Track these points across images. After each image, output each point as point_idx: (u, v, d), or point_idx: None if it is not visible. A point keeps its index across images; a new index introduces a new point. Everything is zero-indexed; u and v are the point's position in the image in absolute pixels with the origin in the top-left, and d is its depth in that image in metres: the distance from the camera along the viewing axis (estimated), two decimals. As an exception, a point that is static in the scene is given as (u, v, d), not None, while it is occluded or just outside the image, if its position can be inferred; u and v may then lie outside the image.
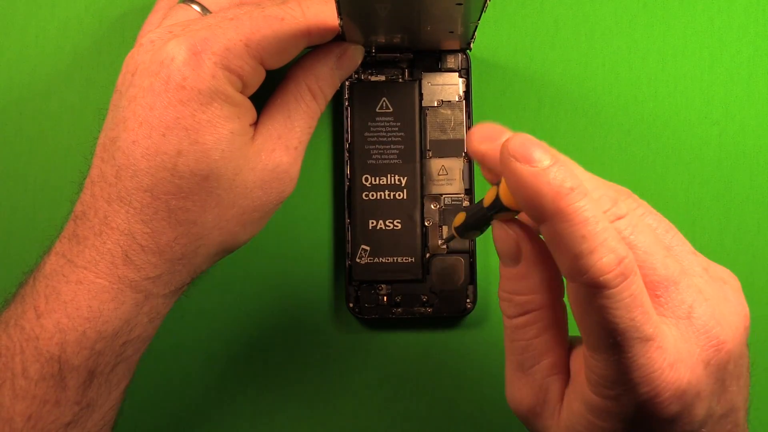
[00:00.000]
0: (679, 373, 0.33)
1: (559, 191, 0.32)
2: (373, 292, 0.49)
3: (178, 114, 0.39)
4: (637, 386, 0.33)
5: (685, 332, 0.34)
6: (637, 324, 0.33)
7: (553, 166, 0.33)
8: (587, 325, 0.34)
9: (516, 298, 0.38)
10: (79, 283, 0.40)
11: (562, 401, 0.37)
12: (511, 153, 0.33)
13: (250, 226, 0.43)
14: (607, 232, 0.33)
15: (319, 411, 0.50)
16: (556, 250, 0.33)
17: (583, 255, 0.32)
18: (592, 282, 0.32)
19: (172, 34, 0.40)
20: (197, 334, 0.50)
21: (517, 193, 0.34)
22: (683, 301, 0.35)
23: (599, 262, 0.32)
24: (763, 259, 0.51)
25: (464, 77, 0.50)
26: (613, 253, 0.32)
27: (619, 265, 0.32)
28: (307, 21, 0.41)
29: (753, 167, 0.51)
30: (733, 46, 0.51)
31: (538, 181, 0.33)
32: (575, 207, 0.32)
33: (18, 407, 0.39)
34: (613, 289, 0.32)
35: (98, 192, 0.40)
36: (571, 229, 0.32)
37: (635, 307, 0.33)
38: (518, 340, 0.38)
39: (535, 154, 0.33)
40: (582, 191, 0.33)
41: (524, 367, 0.38)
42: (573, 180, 0.33)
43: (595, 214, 0.33)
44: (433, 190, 0.49)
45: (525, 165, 0.33)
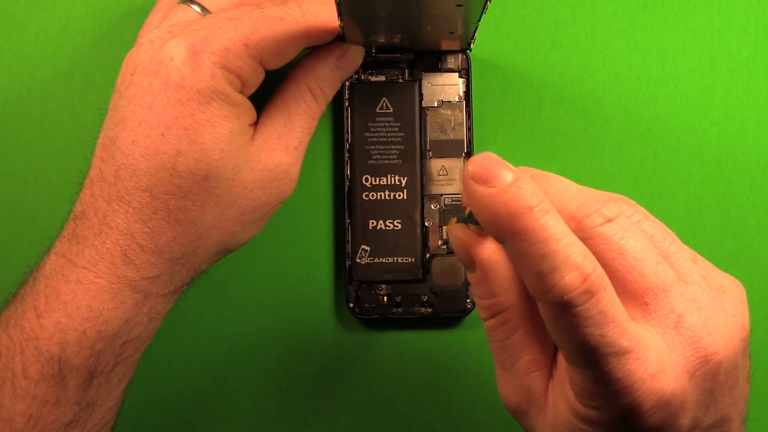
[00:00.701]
0: (661, 383, 0.33)
1: (516, 211, 0.32)
2: (373, 292, 0.49)
3: (177, 114, 0.39)
4: (618, 398, 0.33)
5: (671, 342, 0.34)
6: (608, 339, 0.32)
7: (512, 186, 0.32)
8: (560, 342, 0.33)
9: (482, 302, 0.38)
10: (79, 282, 0.40)
11: (546, 396, 0.37)
12: (470, 174, 0.33)
13: (249, 226, 0.43)
14: (570, 249, 0.32)
15: (319, 411, 0.50)
16: (520, 269, 0.33)
17: (545, 274, 0.32)
18: (556, 301, 0.32)
19: (171, 34, 0.40)
20: (197, 334, 0.50)
21: (477, 214, 0.34)
22: (672, 309, 0.34)
23: (562, 281, 0.32)
24: (763, 259, 0.51)
25: (464, 77, 0.50)
26: (577, 270, 0.32)
27: (584, 283, 0.32)
28: (306, 21, 0.41)
29: (753, 167, 0.51)
30: (733, 46, 0.51)
31: (494, 202, 0.32)
32: (534, 225, 0.32)
33: (18, 407, 0.39)
34: (579, 307, 0.32)
35: (98, 192, 0.40)
36: (531, 249, 0.32)
37: (606, 324, 0.32)
38: (494, 342, 0.38)
39: (494, 174, 0.33)
40: (543, 209, 0.32)
41: (506, 366, 0.38)
42: (533, 198, 0.32)
43: (557, 232, 0.32)
44: (433, 190, 0.49)
45: (482, 186, 0.33)
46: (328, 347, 0.51)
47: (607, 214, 0.35)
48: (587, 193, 0.36)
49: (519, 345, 0.37)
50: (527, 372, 0.37)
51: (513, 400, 0.38)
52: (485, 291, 0.37)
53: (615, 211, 0.35)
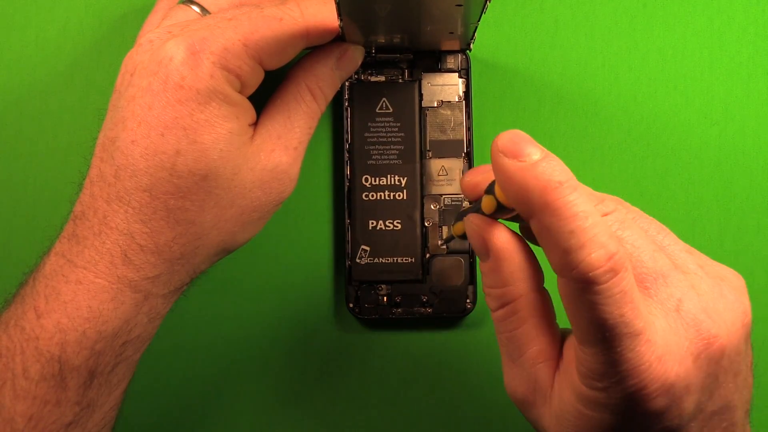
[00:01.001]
0: (666, 365, 0.33)
1: (547, 185, 0.32)
2: (373, 292, 0.49)
3: (177, 113, 0.39)
4: (625, 379, 0.33)
5: (674, 324, 0.34)
6: (626, 319, 0.33)
7: (542, 161, 0.33)
8: (577, 319, 0.34)
9: (493, 291, 0.38)
10: (79, 283, 0.40)
11: (552, 386, 0.37)
12: (500, 148, 0.33)
13: (249, 227, 0.43)
14: (597, 227, 0.32)
15: (319, 411, 0.51)
16: (546, 245, 0.33)
17: (572, 250, 0.32)
18: (581, 278, 0.32)
19: (170, 34, 0.40)
20: (197, 334, 0.50)
21: (505, 188, 0.34)
22: (672, 294, 0.35)
23: (588, 257, 0.32)
24: (763, 259, 0.51)
25: (464, 77, 0.50)
26: (603, 249, 0.32)
27: (609, 261, 0.32)
28: (305, 22, 0.41)
29: (753, 167, 0.51)
30: (733, 46, 0.51)
31: (525, 176, 0.33)
32: (564, 201, 0.32)
33: (19, 407, 0.39)
34: (602, 285, 0.32)
35: (97, 192, 0.40)
36: (560, 224, 0.32)
37: (625, 303, 0.33)
38: (503, 332, 0.38)
39: (524, 149, 0.33)
40: (572, 185, 0.33)
41: (513, 357, 0.38)
42: (562, 174, 0.33)
43: (585, 209, 0.32)
44: (433, 190, 0.49)
45: (512, 160, 0.33)
46: (328, 347, 0.51)
47: (604, 209, 0.36)
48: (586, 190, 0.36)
49: (528, 336, 0.38)
50: (535, 363, 0.37)
51: (520, 392, 0.38)
52: (497, 280, 0.37)
53: (611, 206, 0.36)
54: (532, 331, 0.37)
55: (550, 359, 0.37)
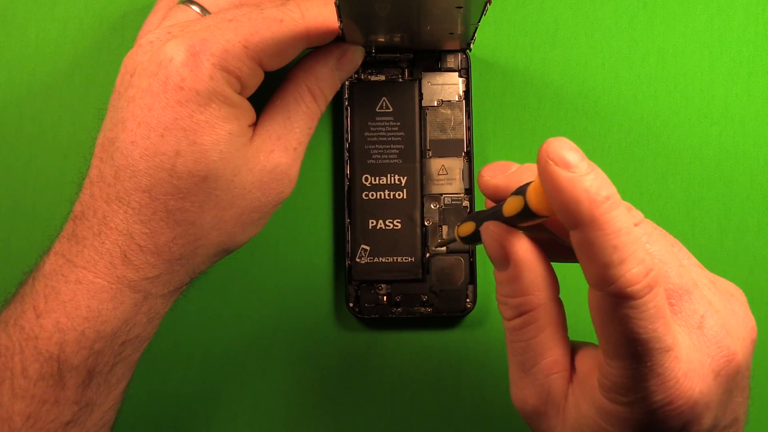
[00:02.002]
0: (692, 382, 0.34)
1: (595, 199, 0.32)
2: (373, 291, 0.49)
3: (177, 115, 0.39)
4: (652, 394, 0.33)
5: (697, 342, 0.35)
6: (659, 335, 0.33)
7: (591, 173, 0.32)
8: (608, 333, 0.33)
9: (510, 301, 0.38)
10: (78, 282, 0.40)
11: (566, 399, 0.37)
12: (551, 157, 0.33)
13: (248, 227, 0.43)
14: (636, 243, 0.32)
15: (319, 410, 0.51)
16: (586, 257, 0.33)
17: (613, 265, 0.32)
18: (619, 292, 0.32)
19: (170, 35, 0.40)
20: (197, 334, 0.50)
21: (553, 197, 0.33)
22: (696, 311, 0.35)
23: (628, 273, 0.32)
24: (763, 259, 0.51)
25: (464, 77, 0.50)
26: (642, 265, 0.32)
27: (646, 277, 0.32)
28: (306, 23, 0.41)
29: (753, 167, 0.51)
30: (733, 46, 0.51)
31: (575, 187, 0.32)
32: (610, 216, 0.32)
33: (17, 406, 0.39)
34: (638, 300, 0.32)
35: (97, 192, 0.40)
36: (604, 238, 0.32)
37: (658, 318, 0.33)
38: (517, 341, 0.38)
39: (574, 159, 0.32)
40: (617, 200, 0.32)
41: (525, 367, 0.38)
42: (609, 188, 0.32)
43: (628, 225, 0.32)
44: (433, 189, 0.49)
45: (563, 170, 0.32)
46: (328, 347, 0.51)
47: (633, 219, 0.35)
48: None
49: (543, 345, 0.37)
50: (548, 373, 0.37)
51: (530, 402, 0.38)
52: (516, 289, 0.37)
53: (639, 216, 0.36)
54: (548, 341, 0.37)
55: (564, 370, 0.37)
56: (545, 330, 0.37)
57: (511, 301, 0.37)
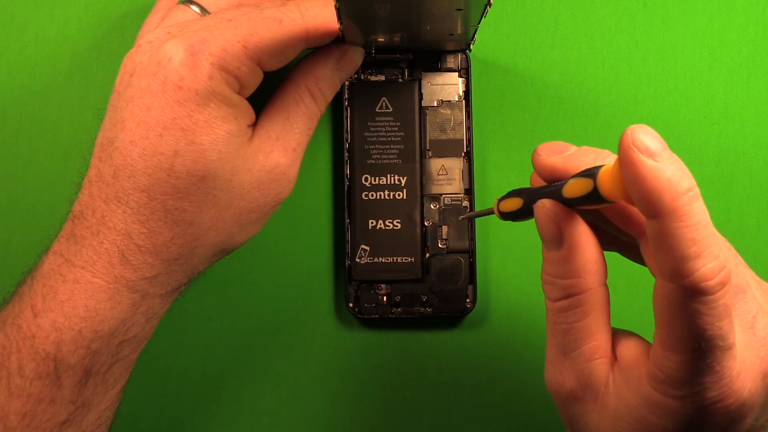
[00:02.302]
0: (743, 381, 0.34)
1: (677, 189, 0.32)
2: (373, 291, 0.49)
3: (175, 114, 0.39)
4: (706, 391, 0.33)
5: (750, 342, 0.35)
6: (723, 332, 0.33)
7: (673, 164, 0.32)
8: (672, 325, 0.33)
9: (559, 282, 0.37)
10: (76, 282, 0.40)
11: (606, 386, 0.37)
12: (635, 144, 0.32)
13: (247, 227, 0.43)
14: (713, 238, 0.32)
15: (319, 410, 0.51)
16: (661, 248, 0.33)
17: (690, 258, 0.32)
18: (692, 286, 0.32)
19: (170, 35, 0.40)
20: (196, 334, 0.51)
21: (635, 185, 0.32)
22: (749, 311, 0.35)
23: (704, 267, 0.32)
24: (763, 259, 0.50)
25: (464, 77, 0.50)
26: (717, 261, 0.32)
27: (720, 273, 0.32)
28: (305, 23, 0.41)
29: (753, 167, 0.51)
30: (733, 46, 0.51)
31: (659, 176, 0.32)
32: (690, 208, 0.32)
33: (13, 405, 0.39)
34: (711, 296, 0.32)
35: (96, 192, 0.40)
36: (683, 231, 0.32)
37: (726, 316, 0.32)
38: (560, 323, 0.38)
39: (657, 148, 0.32)
40: (697, 193, 0.32)
41: (566, 350, 0.38)
42: (690, 180, 0.32)
43: (705, 219, 0.32)
44: (432, 189, 0.49)
45: (647, 158, 0.32)
46: (328, 347, 0.51)
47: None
48: None
49: (587, 330, 0.37)
50: (590, 358, 0.37)
51: (567, 386, 0.38)
52: (567, 270, 0.37)
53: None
54: (593, 326, 0.37)
55: (605, 356, 0.37)
56: (591, 314, 0.37)
57: (560, 282, 0.37)
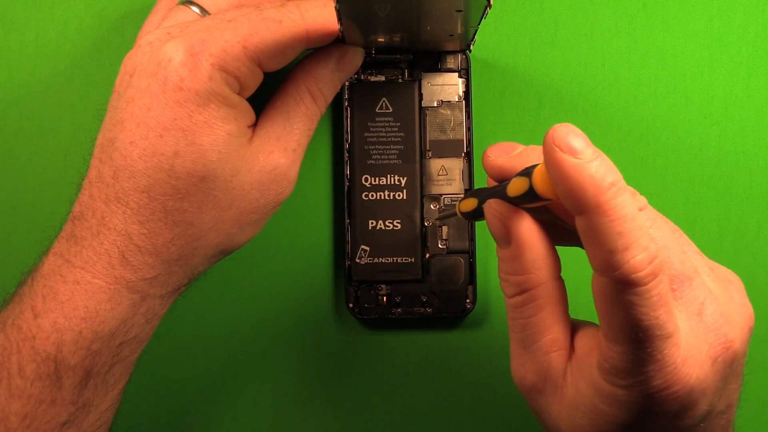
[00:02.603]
0: (690, 368, 0.34)
1: (600, 185, 0.32)
2: (373, 292, 0.49)
3: (175, 115, 0.39)
4: (650, 379, 0.34)
5: (697, 328, 0.35)
6: (660, 322, 0.33)
7: (596, 160, 0.33)
8: (610, 318, 0.34)
9: (511, 278, 0.38)
10: (77, 283, 0.40)
11: (564, 377, 0.37)
12: (557, 143, 0.33)
13: (247, 228, 0.43)
14: (641, 230, 0.33)
15: (319, 411, 0.51)
16: (590, 243, 0.33)
17: (618, 251, 0.32)
18: (623, 278, 0.33)
19: (170, 36, 0.40)
20: (196, 334, 0.51)
21: (558, 183, 0.33)
22: (696, 297, 0.35)
23: (633, 259, 0.32)
24: (763, 259, 0.50)
25: (464, 77, 0.50)
26: (646, 252, 0.33)
27: (650, 264, 0.33)
28: (305, 24, 0.41)
29: (753, 167, 0.51)
30: (733, 46, 0.51)
31: (581, 174, 0.32)
32: (615, 203, 0.32)
33: (13, 406, 0.39)
34: (642, 287, 0.33)
35: (96, 193, 0.40)
36: (609, 225, 0.32)
37: (661, 306, 0.33)
38: (517, 319, 0.38)
39: (580, 146, 0.33)
40: (622, 187, 0.33)
41: (525, 344, 0.38)
42: (614, 175, 0.33)
43: (633, 211, 0.33)
44: (432, 190, 0.49)
45: (569, 156, 0.33)
46: (328, 347, 0.51)
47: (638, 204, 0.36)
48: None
49: (543, 324, 0.38)
50: (548, 351, 0.38)
51: (529, 379, 0.38)
52: (517, 267, 0.38)
53: (643, 201, 0.37)
54: (548, 320, 0.38)
55: (563, 348, 0.38)
56: (545, 308, 0.38)
57: (512, 279, 0.38)
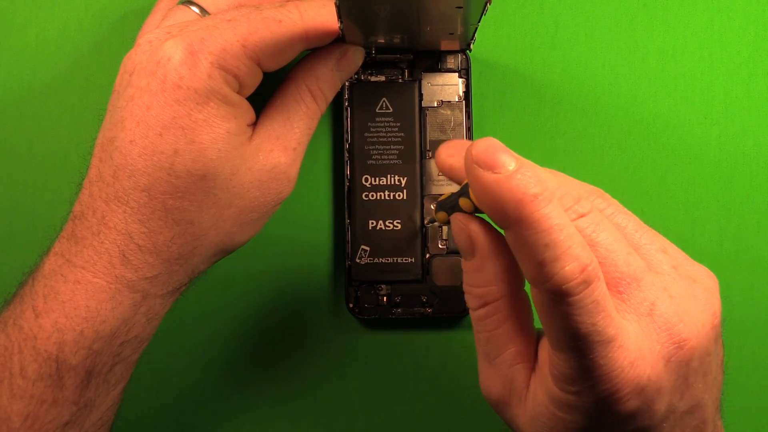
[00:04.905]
0: (639, 369, 0.34)
1: (522, 198, 0.32)
2: (373, 292, 0.49)
3: (175, 113, 0.39)
4: (598, 384, 0.34)
5: (647, 329, 0.35)
6: (598, 328, 0.33)
7: (517, 172, 0.32)
8: (550, 327, 0.34)
9: (474, 290, 0.38)
10: (77, 282, 0.40)
11: (527, 388, 0.38)
12: (474, 159, 0.33)
13: (247, 227, 0.43)
14: (571, 239, 0.33)
15: (319, 411, 0.51)
16: (519, 256, 0.34)
17: (546, 263, 0.32)
18: (554, 290, 0.33)
19: (169, 35, 0.40)
20: (197, 334, 0.51)
21: (480, 200, 0.34)
22: (645, 298, 0.35)
23: (562, 270, 0.32)
24: (763, 259, 0.50)
25: (464, 77, 0.50)
26: (577, 261, 0.32)
27: (582, 273, 0.32)
28: (305, 24, 0.41)
29: (753, 167, 0.51)
30: (733, 46, 0.51)
31: (500, 188, 0.32)
32: (539, 214, 0.32)
33: (15, 407, 0.39)
34: (575, 297, 0.33)
35: (96, 192, 0.40)
36: (535, 237, 0.32)
37: (597, 312, 0.33)
38: (481, 331, 0.38)
39: (499, 160, 0.33)
40: (546, 197, 0.33)
41: (490, 357, 0.38)
42: (537, 186, 0.32)
43: (560, 222, 0.33)
44: (432, 190, 0.49)
45: (487, 171, 0.33)
46: (328, 347, 0.51)
47: (579, 210, 0.36)
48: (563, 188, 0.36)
49: (506, 336, 0.38)
50: (512, 364, 0.38)
51: (494, 392, 0.39)
52: (480, 279, 0.38)
53: (587, 207, 0.36)
54: (511, 332, 0.38)
55: (527, 361, 0.38)
56: (508, 321, 0.38)
57: (476, 291, 0.38)
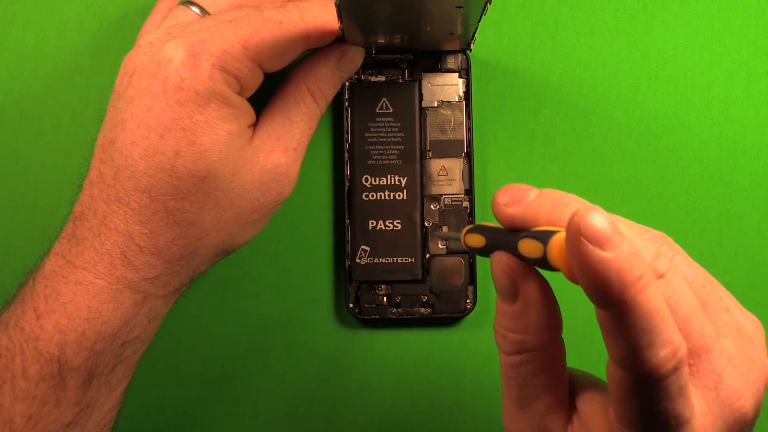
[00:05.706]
0: None
1: (627, 281, 0.30)
2: (373, 292, 0.49)
3: (176, 115, 0.39)
4: None
5: (712, 404, 0.33)
6: (678, 412, 0.31)
7: (623, 251, 0.30)
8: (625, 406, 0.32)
9: (511, 336, 0.35)
10: (78, 283, 0.40)
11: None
12: (582, 233, 0.30)
13: (248, 227, 0.43)
14: (666, 322, 0.30)
15: (319, 411, 0.51)
16: (611, 337, 0.31)
17: (641, 348, 0.30)
18: (645, 375, 0.31)
19: (170, 36, 0.40)
20: (197, 334, 0.50)
21: (581, 275, 0.30)
22: (713, 371, 0.33)
23: (656, 356, 0.30)
24: (763, 259, 0.50)
25: (464, 77, 0.50)
26: (670, 346, 0.30)
27: (674, 358, 0.31)
28: (305, 24, 0.41)
29: (753, 167, 0.51)
30: (733, 46, 0.51)
31: (607, 268, 0.29)
32: (641, 299, 0.30)
33: (18, 408, 0.39)
34: (665, 381, 0.31)
35: (97, 193, 0.40)
36: (634, 321, 0.30)
37: (680, 396, 0.31)
38: (513, 377, 0.36)
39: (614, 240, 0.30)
40: (648, 279, 0.30)
41: (521, 403, 0.36)
42: (640, 267, 0.30)
43: (658, 305, 0.30)
44: (433, 190, 0.49)
45: (595, 248, 0.29)
46: (328, 347, 0.51)
47: (659, 269, 0.33)
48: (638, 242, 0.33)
49: (542, 386, 0.36)
50: (547, 413, 0.36)
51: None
52: (520, 326, 0.35)
53: (665, 265, 0.33)
54: (548, 382, 0.36)
55: (563, 410, 0.36)
56: (545, 371, 0.36)
57: (512, 337, 0.35)
